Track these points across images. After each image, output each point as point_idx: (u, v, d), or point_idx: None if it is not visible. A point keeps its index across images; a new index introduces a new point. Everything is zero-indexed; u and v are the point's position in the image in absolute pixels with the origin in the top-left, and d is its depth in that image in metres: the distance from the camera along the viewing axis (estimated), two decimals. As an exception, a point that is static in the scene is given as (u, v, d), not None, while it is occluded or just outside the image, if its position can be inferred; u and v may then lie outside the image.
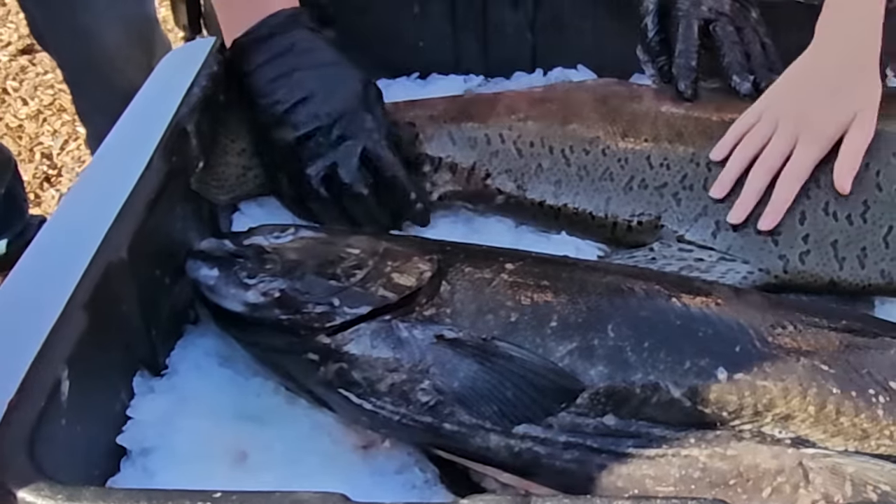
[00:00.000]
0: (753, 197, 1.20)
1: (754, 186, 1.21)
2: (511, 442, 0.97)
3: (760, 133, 1.22)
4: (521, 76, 1.51)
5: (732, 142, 1.24)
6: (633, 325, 1.00)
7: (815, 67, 1.24)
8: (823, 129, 1.20)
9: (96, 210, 1.06)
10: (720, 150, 1.24)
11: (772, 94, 1.26)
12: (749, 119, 1.24)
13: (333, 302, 1.03)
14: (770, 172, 1.20)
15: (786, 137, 1.21)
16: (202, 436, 1.02)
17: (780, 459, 0.94)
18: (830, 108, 1.21)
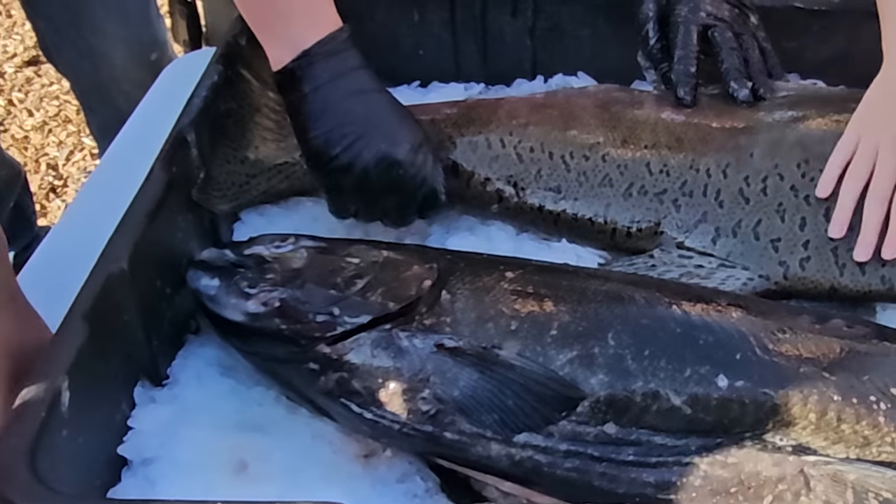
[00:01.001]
0: (874, 229, 1.18)
1: (874, 218, 1.18)
2: (512, 450, 0.97)
3: (863, 161, 1.20)
4: (522, 83, 1.51)
5: (836, 174, 1.21)
6: (633, 334, 1.00)
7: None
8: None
9: (97, 221, 1.06)
10: (826, 186, 1.21)
11: (862, 120, 1.23)
12: (847, 148, 1.21)
13: (334, 311, 1.03)
14: (884, 202, 1.18)
15: (892, 162, 1.18)
16: (203, 446, 1.02)
17: (781, 467, 0.95)
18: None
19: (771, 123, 1.28)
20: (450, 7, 1.47)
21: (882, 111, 1.22)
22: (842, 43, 1.44)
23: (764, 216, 1.21)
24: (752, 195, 1.23)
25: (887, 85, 1.23)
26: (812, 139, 1.25)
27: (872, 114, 1.23)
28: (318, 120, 1.17)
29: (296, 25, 1.17)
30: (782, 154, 1.24)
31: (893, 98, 1.22)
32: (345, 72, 1.18)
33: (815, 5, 1.43)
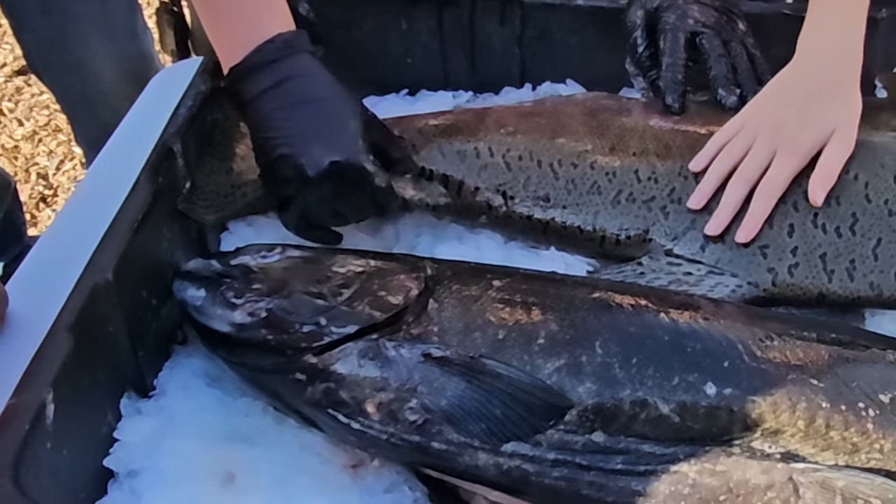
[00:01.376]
0: (730, 209, 1.20)
1: (731, 198, 1.21)
2: (500, 460, 0.97)
3: (739, 145, 1.22)
4: (510, 91, 1.50)
5: (712, 153, 1.24)
6: (620, 342, 1.00)
7: (795, 82, 1.24)
8: (801, 142, 1.20)
9: (82, 232, 1.06)
10: (699, 161, 1.24)
11: (752, 107, 1.26)
12: (729, 131, 1.24)
13: (320, 321, 1.03)
14: (747, 184, 1.20)
15: (764, 150, 1.21)
16: (190, 457, 1.01)
17: (770, 474, 0.94)
18: (808, 122, 1.21)
19: (759, 130, 1.27)
20: (438, 15, 1.47)
21: (770, 103, 1.24)
22: (830, 49, 1.43)
23: None
24: (741, 202, 1.23)
25: (784, 79, 1.25)
26: (799, 145, 1.24)
27: (764, 103, 1.25)
28: (261, 126, 1.16)
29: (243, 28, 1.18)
30: (770, 160, 1.24)
31: (784, 92, 1.24)
32: (283, 79, 1.16)
33: (804, 12, 1.41)
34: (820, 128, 1.20)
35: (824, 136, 1.20)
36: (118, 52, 2.00)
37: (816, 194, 1.19)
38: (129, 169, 1.12)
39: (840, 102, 1.22)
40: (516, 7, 1.46)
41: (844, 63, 1.22)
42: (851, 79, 1.22)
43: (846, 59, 1.22)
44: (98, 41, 1.96)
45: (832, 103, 1.21)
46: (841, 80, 1.22)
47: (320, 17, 1.28)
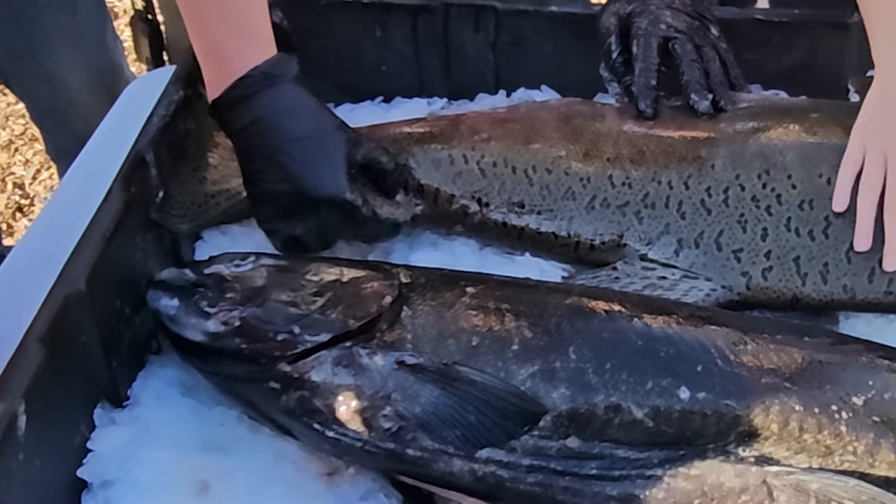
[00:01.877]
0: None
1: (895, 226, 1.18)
2: (474, 466, 0.97)
3: (875, 171, 1.19)
4: (485, 98, 1.50)
5: (849, 187, 1.21)
6: (594, 347, 1.00)
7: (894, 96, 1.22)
8: None
9: (55, 243, 1.06)
10: (841, 200, 1.21)
11: (865, 131, 1.22)
12: (854, 160, 1.21)
13: (294, 330, 1.03)
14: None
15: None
16: (164, 467, 1.01)
17: (743, 478, 0.95)
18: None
19: (732, 134, 1.28)
20: (412, 23, 1.47)
21: (883, 118, 1.22)
22: (803, 53, 1.44)
23: (726, 227, 1.22)
24: (714, 206, 1.23)
25: (883, 91, 1.22)
26: (773, 150, 1.25)
27: (874, 122, 1.22)
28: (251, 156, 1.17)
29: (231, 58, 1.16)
30: (743, 165, 1.24)
31: (891, 105, 1.22)
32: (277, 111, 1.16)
33: (776, 17, 1.43)
34: None
35: None
36: (88, 62, 1.99)
37: None
38: (102, 179, 1.12)
39: None
40: (490, 14, 1.46)
41: None
42: None
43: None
44: (68, 51, 1.95)
45: None
46: None
47: (294, 26, 1.27)
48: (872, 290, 1.19)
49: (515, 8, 1.46)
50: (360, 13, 1.47)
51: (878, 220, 1.19)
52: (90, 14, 1.99)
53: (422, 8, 1.46)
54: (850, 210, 1.20)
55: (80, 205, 1.10)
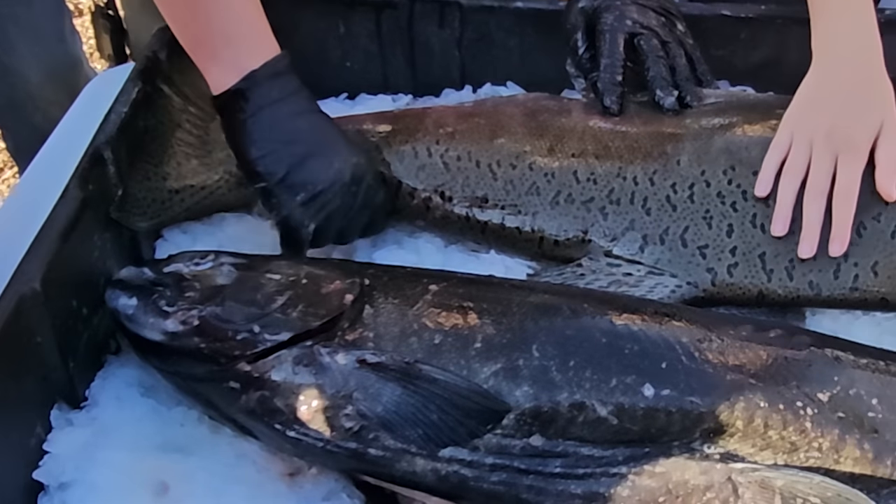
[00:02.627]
0: (817, 224, 1.18)
1: (814, 214, 1.19)
2: (437, 465, 0.96)
3: (799, 159, 1.20)
4: (451, 93, 1.50)
5: (772, 173, 1.21)
6: (558, 344, 0.99)
7: (830, 83, 1.22)
8: (860, 141, 1.19)
9: (9, 242, 1.05)
10: (764, 185, 1.21)
11: (794, 118, 1.23)
12: (780, 147, 1.22)
13: (254, 329, 1.02)
14: (823, 195, 1.18)
15: (826, 157, 1.19)
16: (123, 468, 1.00)
17: (708, 475, 0.94)
18: (859, 120, 1.20)
19: (698, 131, 1.27)
20: (376, 18, 1.46)
21: (813, 108, 1.23)
22: (770, 49, 1.44)
23: (691, 223, 1.21)
24: (680, 202, 1.22)
25: (816, 83, 1.23)
26: (738, 146, 1.25)
27: (803, 112, 1.23)
28: (265, 140, 1.17)
29: (240, 49, 1.18)
30: (709, 161, 1.24)
31: (823, 95, 1.23)
32: (288, 94, 1.19)
33: (743, 13, 1.43)
34: (870, 122, 1.19)
35: (876, 129, 1.19)
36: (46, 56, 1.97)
37: (889, 189, 1.19)
38: (60, 177, 1.10)
39: (878, 93, 1.21)
40: (455, 10, 1.45)
41: (868, 55, 1.21)
42: (879, 68, 1.21)
43: (869, 51, 1.21)
44: (25, 46, 1.93)
45: (873, 96, 1.20)
46: (872, 72, 1.21)
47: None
48: (838, 286, 1.19)
49: (481, 4, 1.45)
50: (323, 9, 1.46)
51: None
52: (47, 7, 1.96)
53: (386, 4, 1.45)
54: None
55: (36, 203, 1.09)
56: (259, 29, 1.20)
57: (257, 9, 1.20)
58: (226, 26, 1.18)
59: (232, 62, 1.18)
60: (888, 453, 0.96)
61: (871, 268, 1.18)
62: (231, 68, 1.17)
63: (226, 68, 1.18)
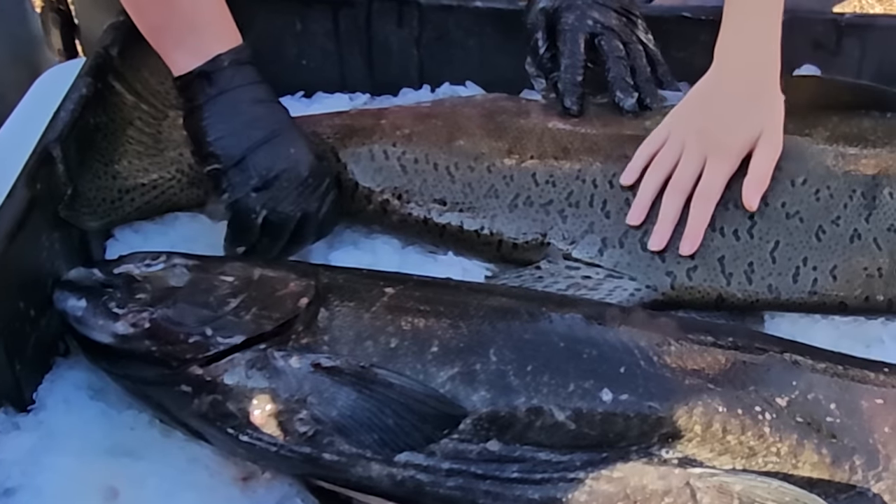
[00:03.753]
0: (671, 220, 1.19)
1: (670, 209, 1.19)
2: (393, 470, 0.95)
3: (668, 155, 1.21)
4: (409, 93, 1.49)
5: (641, 165, 1.23)
6: (515, 349, 0.98)
7: (717, 88, 1.24)
8: (730, 146, 1.20)
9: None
10: (630, 174, 1.23)
11: (676, 116, 1.25)
12: (656, 141, 1.23)
13: (206, 331, 1.00)
14: (683, 194, 1.19)
15: (694, 157, 1.20)
16: (71, 473, 0.99)
17: (667, 480, 0.94)
18: (736, 127, 1.21)
19: (657, 133, 1.27)
20: (333, 16, 1.45)
21: (695, 109, 1.24)
22: (730, 51, 1.43)
23: (651, 226, 1.21)
24: (639, 205, 1.22)
25: (707, 86, 1.25)
26: (697, 148, 1.24)
27: (689, 110, 1.25)
28: (224, 122, 1.17)
29: (204, 36, 1.18)
30: (668, 163, 1.23)
31: (707, 98, 1.24)
32: (250, 82, 1.20)
33: (703, 14, 1.43)
34: (747, 131, 1.20)
35: (752, 139, 1.20)
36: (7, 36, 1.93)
37: (751, 199, 1.19)
38: (6, 176, 1.08)
39: (763, 105, 1.22)
40: (414, 8, 1.44)
41: (764, 67, 1.22)
42: (772, 81, 1.22)
43: (766, 63, 1.22)
44: None
45: (756, 106, 1.21)
46: (762, 84, 1.22)
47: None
48: (797, 289, 1.19)
49: (440, 3, 1.45)
50: (279, 6, 1.45)
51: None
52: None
53: (343, 2, 1.44)
54: (775, 210, 1.20)
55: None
56: (223, 18, 1.20)
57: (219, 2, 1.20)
58: (191, 14, 1.18)
59: (195, 48, 1.18)
60: (846, 458, 0.96)
61: (830, 272, 1.19)
62: (195, 53, 1.18)
63: (189, 53, 1.18)
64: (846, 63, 1.43)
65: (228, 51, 1.18)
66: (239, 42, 1.20)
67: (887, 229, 1.19)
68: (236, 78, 1.18)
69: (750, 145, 1.20)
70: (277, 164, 1.16)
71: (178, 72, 1.19)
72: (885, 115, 1.28)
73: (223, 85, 1.17)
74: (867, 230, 1.19)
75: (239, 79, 1.18)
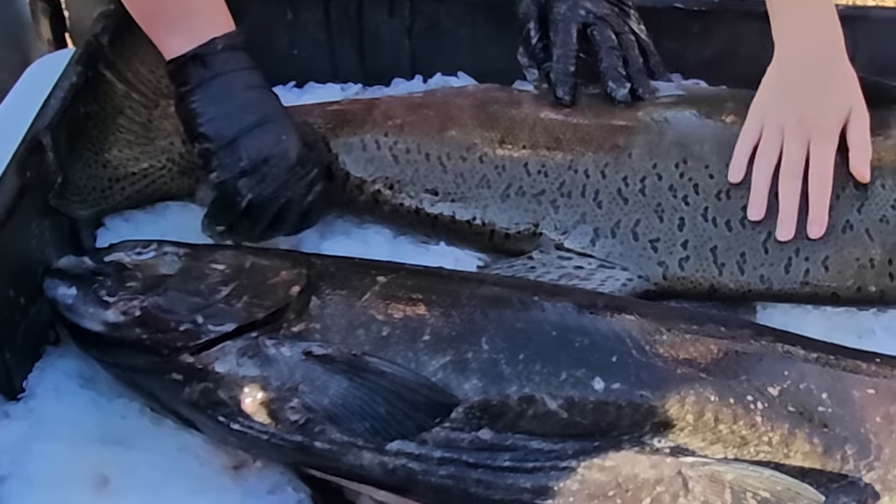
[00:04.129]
0: (795, 206, 1.19)
1: (790, 196, 1.19)
2: (385, 459, 0.95)
3: (771, 145, 1.21)
4: (401, 83, 1.48)
5: (745, 160, 1.22)
6: (507, 337, 0.98)
7: (796, 70, 1.24)
8: (830, 127, 1.20)
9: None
10: (737, 171, 1.22)
11: (764, 105, 1.24)
12: (751, 135, 1.23)
13: (197, 319, 1.00)
14: (798, 179, 1.19)
15: (798, 143, 1.20)
16: (61, 461, 0.98)
17: (659, 469, 0.94)
18: (829, 104, 1.21)
19: (649, 124, 1.27)
20: (324, 6, 1.44)
21: (781, 96, 1.24)
22: (722, 43, 1.44)
23: (643, 216, 1.21)
24: (631, 195, 1.22)
25: (781, 71, 1.24)
26: (690, 139, 1.25)
27: (772, 99, 1.24)
28: (217, 104, 1.17)
29: (198, 22, 1.18)
30: (661, 154, 1.24)
31: (789, 83, 1.24)
32: (243, 68, 1.19)
33: (696, 6, 1.43)
34: (840, 108, 1.21)
35: (845, 114, 1.21)
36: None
37: (863, 171, 1.20)
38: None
39: (843, 79, 1.23)
40: (405, -2, 1.44)
41: (830, 42, 1.23)
42: (841, 54, 1.23)
43: (830, 38, 1.23)
44: None
45: (839, 81, 1.22)
46: (834, 59, 1.23)
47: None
48: (789, 280, 1.19)
49: (432, -8, 1.44)
50: (270, -4, 1.45)
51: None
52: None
53: (335, -9, 1.44)
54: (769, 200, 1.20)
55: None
56: (217, 4, 1.20)
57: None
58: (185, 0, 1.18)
59: (189, 32, 1.17)
60: (837, 447, 0.96)
61: (822, 263, 1.18)
62: (189, 37, 1.17)
63: (183, 37, 1.18)
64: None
65: (223, 35, 1.18)
66: (233, 28, 1.19)
67: (879, 220, 1.19)
68: (230, 62, 1.17)
69: (844, 121, 1.21)
70: (268, 148, 1.16)
71: (171, 55, 1.18)
72: (878, 107, 1.28)
73: (217, 68, 1.17)
74: (859, 221, 1.19)
75: (233, 63, 1.18)
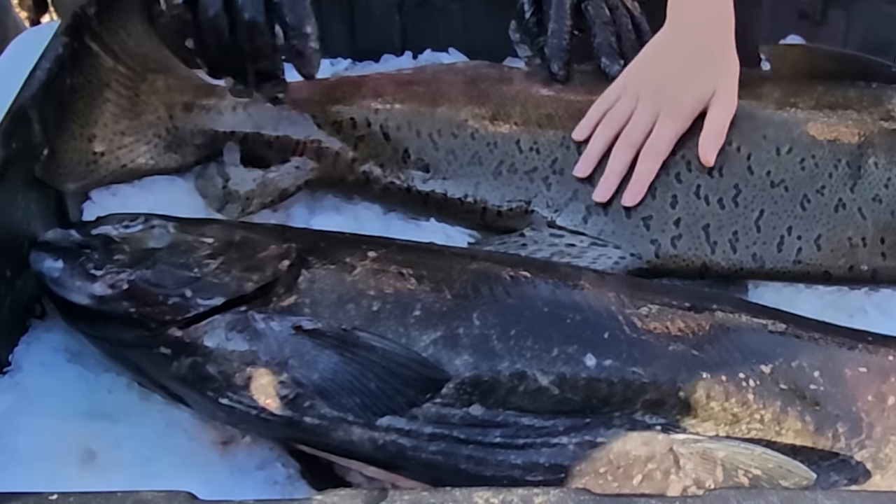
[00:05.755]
0: (617, 173, 1.20)
1: (617, 163, 1.20)
2: (375, 434, 0.94)
3: (621, 110, 1.22)
4: (390, 59, 1.48)
5: (595, 121, 1.23)
6: (498, 313, 0.97)
7: (672, 45, 1.24)
8: (683, 104, 1.21)
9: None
10: (582, 130, 1.23)
11: (630, 74, 1.25)
12: (610, 97, 1.24)
13: (186, 293, 0.99)
14: (633, 148, 1.20)
15: (647, 114, 1.20)
16: (47, 435, 0.97)
17: (650, 446, 0.93)
18: (689, 84, 1.21)
19: (642, 100, 1.26)
20: (313, -20, 1.43)
21: (649, 67, 1.25)
22: (713, 21, 1.43)
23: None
24: (623, 172, 1.21)
25: (661, 44, 1.25)
26: (681, 116, 1.24)
27: (640, 67, 1.25)
28: None
29: None
30: (652, 130, 1.23)
31: (661, 56, 1.24)
32: None
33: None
34: (700, 89, 1.21)
35: (705, 97, 1.20)
36: None
37: (708, 154, 1.20)
38: (-19, 137, 1.07)
39: (717, 64, 1.22)
40: (396, -27, 1.43)
41: (716, 25, 1.22)
42: (726, 40, 1.22)
43: (717, 21, 1.22)
44: None
45: (710, 65, 1.22)
46: (716, 43, 1.22)
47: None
48: (781, 258, 1.18)
49: (422, -33, 1.43)
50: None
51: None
52: None
53: (326, -35, 1.42)
54: (760, 179, 1.20)
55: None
56: None
57: None
58: None
59: None
60: (829, 426, 0.96)
61: (815, 241, 1.18)
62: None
63: None
64: (831, 33, 1.43)
65: None
66: None
67: (872, 199, 1.19)
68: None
69: (703, 104, 1.21)
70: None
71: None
72: (871, 85, 1.27)
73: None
74: (852, 200, 1.19)
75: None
